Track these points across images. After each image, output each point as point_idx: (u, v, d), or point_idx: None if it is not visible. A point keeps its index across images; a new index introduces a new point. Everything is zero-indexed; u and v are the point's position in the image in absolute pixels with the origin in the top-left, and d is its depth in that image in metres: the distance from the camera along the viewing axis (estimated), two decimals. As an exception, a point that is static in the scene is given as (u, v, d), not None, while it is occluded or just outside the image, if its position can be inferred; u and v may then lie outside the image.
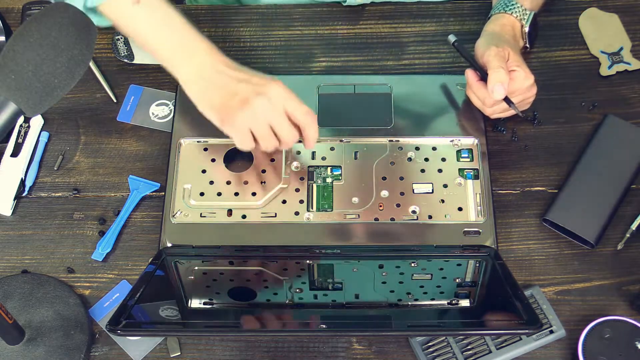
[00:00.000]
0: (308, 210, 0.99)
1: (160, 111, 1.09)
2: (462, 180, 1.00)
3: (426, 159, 1.02)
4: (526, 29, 1.05)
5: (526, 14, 1.04)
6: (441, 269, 0.96)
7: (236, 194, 1.00)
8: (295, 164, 1.01)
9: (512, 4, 1.04)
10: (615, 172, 1.01)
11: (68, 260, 1.00)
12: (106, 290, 0.98)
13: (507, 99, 0.98)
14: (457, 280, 0.94)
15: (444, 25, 1.15)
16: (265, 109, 0.92)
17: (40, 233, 1.02)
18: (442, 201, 0.99)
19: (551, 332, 0.92)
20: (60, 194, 1.04)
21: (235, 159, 1.03)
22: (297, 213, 0.98)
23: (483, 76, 0.99)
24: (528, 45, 1.07)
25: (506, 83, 0.96)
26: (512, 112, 1.01)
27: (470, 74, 1.01)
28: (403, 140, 1.03)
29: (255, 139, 0.94)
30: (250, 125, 0.93)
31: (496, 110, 1.01)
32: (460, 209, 0.98)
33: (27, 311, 0.94)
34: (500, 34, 1.02)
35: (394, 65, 1.12)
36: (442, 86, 1.07)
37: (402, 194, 0.99)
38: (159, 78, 1.12)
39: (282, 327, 0.89)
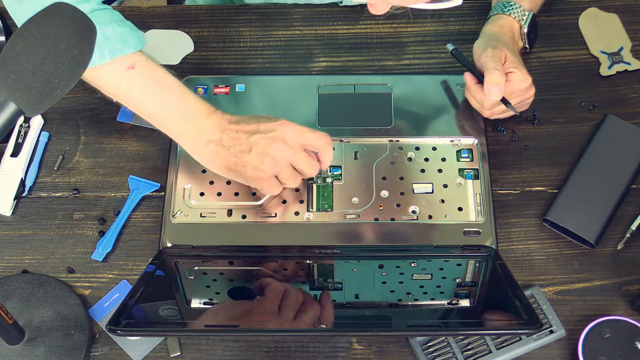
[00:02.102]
0: (308, 210, 0.99)
1: (160, 111, 1.09)
2: (462, 180, 1.00)
3: (426, 159, 1.01)
4: (525, 30, 1.05)
5: (525, 15, 1.04)
6: (441, 269, 0.96)
7: (236, 194, 1.00)
8: (295, 164, 1.01)
9: (511, 5, 1.04)
10: (615, 172, 1.01)
11: (68, 260, 1.00)
12: (106, 290, 0.98)
13: (504, 100, 0.98)
14: (457, 280, 0.94)
15: (444, 25, 1.15)
16: (285, 153, 0.91)
17: (40, 233, 1.02)
18: (442, 201, 0.99)
19: (551, 332, 0.92)
20: (60, 194, 1.04)
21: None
22: (297, 213, 0.98)
23: (481, 79, 0.99)
24: (528, 46, 1.07)
25: (502, 84, 0.96)
26: (511, 113, 1.01)
27: (468, 77, 1.01)
28: (403, 140, 1.03)
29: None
30: (275, 172, 0.93)
31: (495, 111, 1.01)
32: (460, 209, 0.98)
33: (27, 311, 0.94)
34: (498, 35, 1.02)
35: (394, 65, 1.12)
36: (442, 86, 1.07)
37: (402, 194, 0.99)
38: (159, 78, 1.12)
39: (282, 327, 0.89)
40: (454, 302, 0.91)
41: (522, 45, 1.06)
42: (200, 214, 0.98)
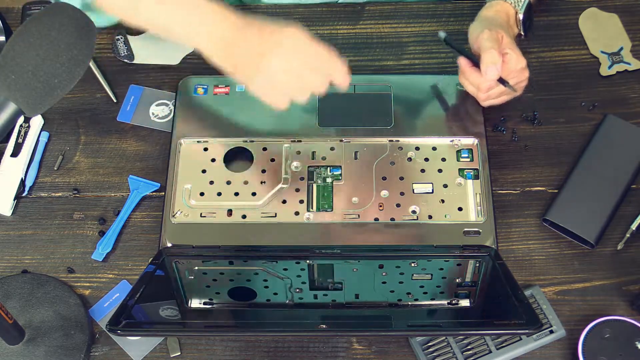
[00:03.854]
0: (308, 210, 0.99)
1: (160, 111, 1.09)
2: (462, 180, 1.00)
3: (426, 159, 1.01)
4: (520, 16, 1.04)
5: (521, 1, 1.03)
6: (441, 269, 0.96)
7: (236, 194, 1.00)
8: (295, 164, 1.01)
9: None
10: (615, 172, 1.01)
11: (68, 260, 1.00)
12: (106, 290, 0.98)
13: (501, 80, 0.97)
14: (457, 280, 0.94)
15: (444, 25, 1.15)
16: (289, 58, 0.89)
17: (40, 233, 1.02)
18: (442, 201, 0.99)
19: (551, 332, 0.92)
20: (60, 194, 1.04)
21: (235, 159, 1.03)
22: (297, 213, 0.98)
23: (475, 62, 0.98)
24: (522, 33, 1.06)
25: (499, 64, 0.95)
26: (506, 97, 1.00)
27: (462, 61, 1.00)
28: (403, 140, 1.03)
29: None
30: (278, 77, 0.90)
31: (491, 95, 1.00)
32: (460, 209, 0.98)
33: (27, 311, 0.94)
34: (494, 18, 1.02)
35: (394, 65, 1.12)
36: (442, 86, 1.07)
37: (402, 194, 0.99)
38: (159, 78, 1.12)
39: (282, 327, 0.89)
40: (454, 302, 0.91)
41: (517, 31, 1.05)
42: (200, 214, 0.99)
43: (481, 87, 0.99)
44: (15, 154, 1.05)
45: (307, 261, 0.97)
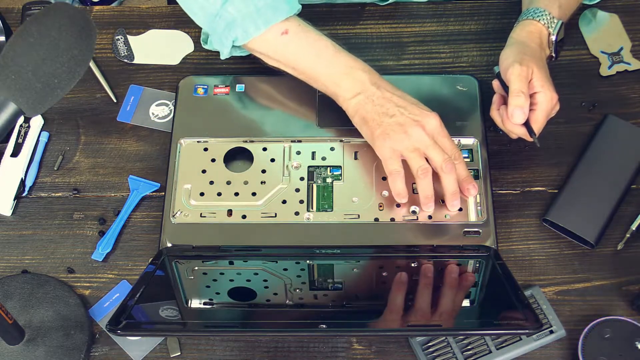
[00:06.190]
0: (308, 210, 0.99)
1: (160, 111, 1.09)
2: (462, 180, 1.00)
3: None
4: (553, 38, 1.02)
5: (554, 22, 1.02)
6: (441, 269, 0.96)
7: (236, 194, 1.00)
8: (295, 163, 1.01)
9: (541, 12, 1.01)
10: (615, 172, 1.01)
11: (68, 260, 1.00)
12: (106, 290, 0.98)
13: (528, 126, 0.96)
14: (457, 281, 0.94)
15: (444, 25, 1.15)
16: (419, 137, 0.94)
17: (40, 233, 1.02)
18: (442, 201, 0.99)
19: (551, 332, 0.92)
20: (60, 194, 1.04)
21: (235, 159, 1.03)
22: (297, 213, 0.98)
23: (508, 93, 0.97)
24: (554, 55, 1.04)
25: (526, 108, 0.94)
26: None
27: (496, 99, 1.00)
28: (403, 140, 1.03)
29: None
30: (401, 147, 0.95)
31: (519, 133, 0.99)
32: (460, 209, 0.98)
33: (27, 311, 0.94)
34: (526, 42, 1.00)
35: (394, 65, 1.12)
36: (442, 86, 1.07)
37: (402, 194, 0.99)
38: (159, 78, 1.12)
39: (282, 327, 0.89)
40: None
41: (549, 53, 1.03)
42: (200, 214, 0.99)
43: (506, 127, 0.98)
44: (15, 154, 1.05)
45: (307, 261, 0.97)
